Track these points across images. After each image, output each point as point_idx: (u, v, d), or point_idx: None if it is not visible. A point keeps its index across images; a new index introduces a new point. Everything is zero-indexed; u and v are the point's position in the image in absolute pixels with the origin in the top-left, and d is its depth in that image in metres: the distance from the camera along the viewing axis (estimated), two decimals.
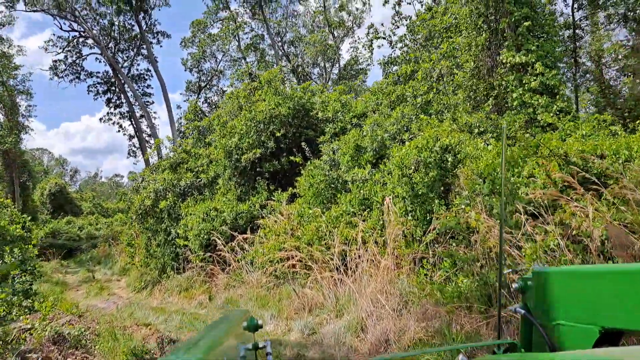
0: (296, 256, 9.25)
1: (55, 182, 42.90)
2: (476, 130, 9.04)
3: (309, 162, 10.93)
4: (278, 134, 12.68)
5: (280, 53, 36.69)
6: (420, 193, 7.83)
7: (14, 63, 35.97)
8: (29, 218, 35.28)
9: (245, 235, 11.07)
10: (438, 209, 7.58)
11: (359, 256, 8.02)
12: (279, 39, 38.71)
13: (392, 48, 14.24)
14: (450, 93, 9.81)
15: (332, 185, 10.42)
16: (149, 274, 14.53)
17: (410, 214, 8.15)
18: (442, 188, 7.76)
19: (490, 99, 10.00)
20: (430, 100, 9.82)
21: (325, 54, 38.55)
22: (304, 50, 38.28)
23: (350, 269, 8.09)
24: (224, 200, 12.77)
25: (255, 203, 11.98)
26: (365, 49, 44.67)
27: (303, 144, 11.91)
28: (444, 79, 9.81)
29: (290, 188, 11.36)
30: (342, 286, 7.97)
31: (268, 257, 10.07)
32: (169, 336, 7.43)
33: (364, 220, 8.68)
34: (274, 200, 11.38)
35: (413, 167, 7.73)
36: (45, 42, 36.62)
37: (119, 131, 34.71)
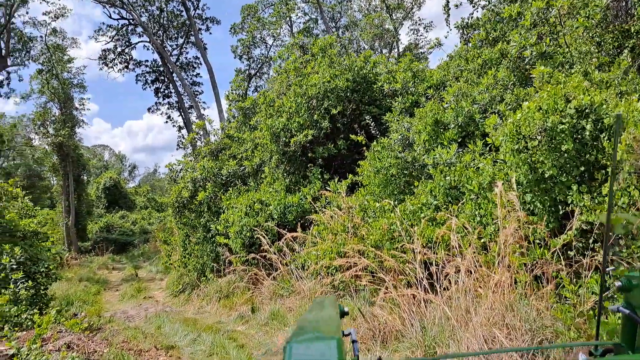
0: (360, 262, 6.99)
1: (109, 177, 42.90)
2: (615, 90, 6.41)
3: (374, 142, 8.61)
4: (334, 112, 10.44)
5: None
6: (546, 176, 5.36)
7: (68, 55, 35.71)
8: (84, 212, 35.02)
9: (294, 234, 8.91)
10: (577, 199, 5.08)
11: (454, 266, 5.64)
12: (333, 24, 36.48)
13: (474, 7, 11.67)
14: (581, 39, 7.19)
15: (406, 171, 8.07)
16: (188, 275, 12.70)
17: (524, 206, 5.71)
18: (581, 169, 5.24)
19: (626, 51, 7.30)
20: (544, 53, 7.26)
21: (382, 39, 36.02)
22: (360, 35, 35.85)
23: (441, 284, 5.74)
24: (270, 191, 10.68)
25: (307, 194, 9.80)
26: (426, 31, 41.55)
27: (367, 117, 9.58)
28: (568, 23, 7.22)
29: (350, 175, 9.09)
30: (430, 309, 5.63)
31: (323, 262, 7.87)
32: None
33: (455, 216, 6.28)
34: (329, 191, 9.16)
35: (539, 138, 5.25)
36: (95, 31, 36.03)
37: (166, 122, 33.67)
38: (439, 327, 5.22)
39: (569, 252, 5.26)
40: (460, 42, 12.08)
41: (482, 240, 5.97)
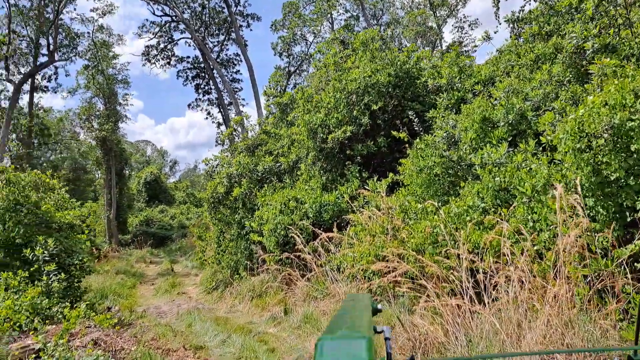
0: (400, 267, 6.55)
1: (150, 172, 43.61)
2: None
3: (418, 140, 8.15)
4: (374, 108, 10.02)
5: None
6: (611, 179, 4.81)
7: (113, 52, 36.46)
8: (125, 205, 35.71)
9: (330, 234, 8.55)
10: None
11: (504, 275, 5.16)
12: (375, 21, 35.92)
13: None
14: None
15: (451, 171, 7.58)
16: (221, 272, 12.54)
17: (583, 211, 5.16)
18: None
19: None
20: (608, 44, 6.63)
21: (424, 37, 35.24)
22: (402, 32, 35.15)
23: (489, 294, 5.26)
24: (305, 188, 10.35)
25: (344, 193, 9.43)
26: (471, 29, 40.47)
27: (411, 113, 9.12)
28: (635, 11, 6.56)
29: (391, 174, 8.65)
30: (477, 321, 5.15)
31: (360, 264, 7.48)
32: None
33: (506, 221, 5.78)
34: (368, 190, 8.75)
35: (605, 137, 4.71)
36: (139, 27, 36.69)
37: (206, 118, 33.97)
38: (486, 342, 4.75)
39: (635, 263, 4.70)
40: (511, 37, 11.44)
41: (536, 248, 5.46)
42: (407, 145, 8.69)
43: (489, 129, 7.91)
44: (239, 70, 33.73)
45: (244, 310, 9.89)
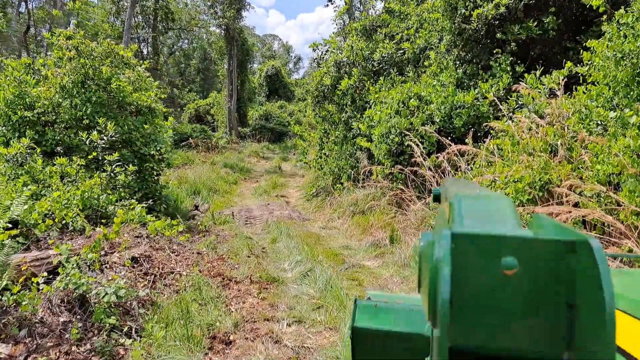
0: (570, 206, 4.16)
1: (272, 65, 42.79)
2: None
3: (622, 10, 5.18)
4: None
5: None
6: None
7: None
8: (245, 98, 35.43)
9: (462, 147, 6.18)
10: None
11: None
12: None
13: None
14: None
15: None
16: (323, 179, 10.83)
17: None
18: None
19: None
20: None
21: None
22: None
23: None
24: (433, 84, 7.86)
25: (487, 92, 6.84)
26: None
27: None
28: None
29: (569, 63, 5.85)
30: None
31: (504, 193, 5.15)
32: None
33: None
34: (525, 88, 6.09)
35: None
36: None
37: (327, 6, 31.13)
38: None
39: None
40: None
41: None
42: (599, 21, 5.74)
43: None
44: None
45: (341, 228, 8.16)
